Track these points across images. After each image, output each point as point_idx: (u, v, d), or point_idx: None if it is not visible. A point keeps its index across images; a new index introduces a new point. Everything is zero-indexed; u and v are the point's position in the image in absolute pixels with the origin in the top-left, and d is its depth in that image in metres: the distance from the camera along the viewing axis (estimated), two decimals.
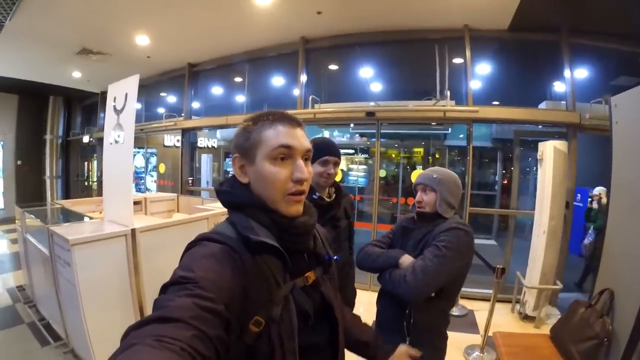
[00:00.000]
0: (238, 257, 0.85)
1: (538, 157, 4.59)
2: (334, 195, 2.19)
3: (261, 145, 0.94)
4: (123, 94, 3.57)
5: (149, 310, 0.72)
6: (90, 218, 4.13)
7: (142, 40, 6.48)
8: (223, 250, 0.85)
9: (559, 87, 5.46)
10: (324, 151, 2.05)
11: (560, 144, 4.39)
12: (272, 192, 0.94)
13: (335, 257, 1.16)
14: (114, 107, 3.69)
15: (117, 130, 3.58)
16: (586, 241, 5.48)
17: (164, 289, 0.76)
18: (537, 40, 5.35)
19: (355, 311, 2.44)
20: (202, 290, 0.72)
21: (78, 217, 4.26)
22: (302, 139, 0.98)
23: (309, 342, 0.97)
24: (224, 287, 0.77)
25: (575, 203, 6.06)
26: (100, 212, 4.49)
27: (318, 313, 1.02)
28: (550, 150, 4.35)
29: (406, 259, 1.74)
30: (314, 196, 2.04)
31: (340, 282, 2.19)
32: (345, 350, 1.24)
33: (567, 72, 5.13)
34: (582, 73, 5.40)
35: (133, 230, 3.22)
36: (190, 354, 0.61)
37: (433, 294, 1.70)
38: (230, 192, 1.01)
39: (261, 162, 0.94)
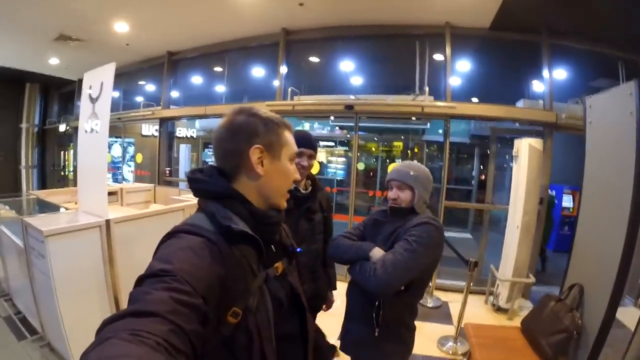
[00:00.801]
0: (216, 248, 0.86)
1: (513, 154, 4.67)
2: (310, 188, 2.20)
3: (286, 146, 1.07)
4: (99, 83, 3.49)
5: (124, 302, 0.71)
6: (66, 209, 4.06)
7: (121, 27, 6.36)
8: (201, 242, 0.85)
9: (537, 86, 5.54)
10: (298, 143, 2.06)
11: (535, 142, 4.47)
12: (285, 187, 1.09)
13: (298, 249, 1.20)
14: (90, 95, 3.61)
15: (93, 119, 3.51)
16: None
17: (140, 281, 0.75)
18: (518, 40, 5.41)
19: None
20: (179, 283, 0.72)
21: (53, 208, 4.18)
22: None
23: (283, 331, 0.99)
24: (202, 280, 0.77)
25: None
26: (76, 203, 4.41)
27: (289, 302, 1.06)
28: (525, 147, 4.43)
29: (377, 252, 1.75)
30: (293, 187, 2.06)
31: (314, 273, 2.22)
32: None
33: (545, 72, 5.22)
34: (561, 73, 5.49)
35: (107, 221, 3.17)
36: (165, 349, 0.60)
37: (402, 288, 1.73)
38: (208, 181, 1.00)
39: (285, 161, 1.06)
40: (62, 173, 11.71)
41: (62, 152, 11.78)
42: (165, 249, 0.84)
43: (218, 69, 7.69)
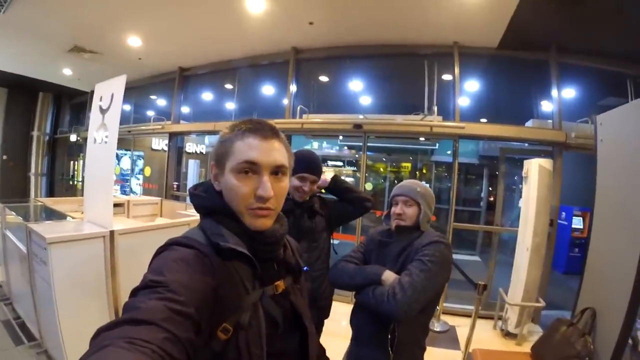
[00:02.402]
0: (208, 261, 0.85)
1: (523, 175, 4.61)
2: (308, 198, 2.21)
3: (229, 157, 0.94)
4: (109, 94, 3.54)
5: None
6: (72, 218, 4.07)
7: (134, 41, 6.47)
8: (193, 254, 0.85)
9: (546, 106, 5.52)
10: (303, 168, 2.07)
11: (545, 162, 4.41)
12: (236, 205, 0.94)
13: (305, 268, 1.15)
14: (100, 106, 3.65)
15: (102, 130, 3.54)
16: None
17: (134, 292, 0.75)
18: (526, 58, 5.42)
19: (337, 324, 2.39)
20: (172, 293, 0.72)
21: (59, 216, 4.20)
22: (273, 152, 0.95)
23: (279, 350, 0.97)
24: (194, 290, 0.77)
25: (559, 221, 6.12)
26: (82, 212, 4.43)
27: (288, 321, 1.02)
28: (535, 168, 4.37)
29: (389, 276, 1.69)
30: (289, 196, 2.06)
31: (315, 272, 2.15)
32: None
33: (554, 91, 5.19)
34: (569, 92, 5.46)
35: (112, 232, 3.17)
36: (161, 357, 0.60)
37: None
38: (203, 197, 1.01)
39: (228, 174, 0.94)
40: (71, 182, 11.82)
41: (71, 162, 11.91)
42: (158, 261, 0.84)
43: (228, 85, 7.78)
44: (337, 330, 2.43)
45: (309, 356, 1.08)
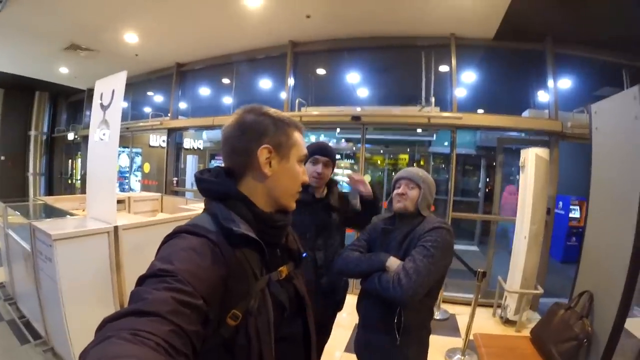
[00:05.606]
0: (218, 250, 0.86)
1: (520, 164, 4.66)
2: (325, 193, 2.22)
3: (296, 147, 1.06)
4: (110, 90, 3.53)
5: None
6: (71, 214, 4.07)
7: (131, 37, 6.45)
8: (203, 242, 0.86)
9: (542, 96, 5.56)
10: (314, 151, 2.12)
11: (541, 151, 4.46)
12: (294, 188, 1.07)
13: (304, 254, 1.18)
14: (101, 103, 3.65)
15: (103, 126, 3.54)
16: None
17: (141, 281, 0.75)
18: (522, 49, 5.46)
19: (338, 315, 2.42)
20: (180, 283, 0.72)
21: (61, 213, 4.20)
22: None
23: (285, 334, 0.99)
24: (203, 280, 0.77)
25: (556, 210, 6.18)
26: (84, 210, 4.43)
27: (293, 306, 1.06)
28: (532, 157, 4.42)
29: (393, 262, 1.75)
30: (309, 190, 2.10)
31: (334, 282, 2.17)
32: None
33: (550, 82, 5.22)
34: (565, 83, 5.52)
35: (116, 228, 3.18)
36: (165, 350, 0.60)
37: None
38: (214, 181, 1.00)
39: (294, 162, 1.06)
40: (70, 181, 11.76)
41: (69, 161, 11.85)
42: (167, 249, 0.85)
43: (226, 80, 7.77)
44: (339, 321, 2.46)
45: (310, 340, 1.13)
